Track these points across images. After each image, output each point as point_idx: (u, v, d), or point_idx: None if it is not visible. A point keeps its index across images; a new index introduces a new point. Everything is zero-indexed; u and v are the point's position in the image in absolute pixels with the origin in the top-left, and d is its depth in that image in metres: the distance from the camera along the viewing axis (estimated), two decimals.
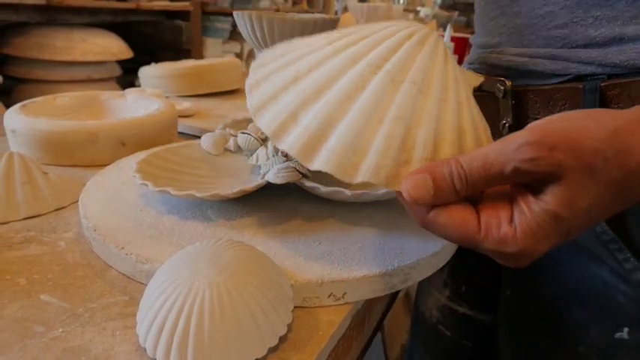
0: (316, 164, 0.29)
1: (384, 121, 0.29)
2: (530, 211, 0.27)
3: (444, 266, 0.40)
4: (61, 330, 0.30)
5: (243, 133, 0.51)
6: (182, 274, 0.29)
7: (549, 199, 0.26)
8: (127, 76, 1.62)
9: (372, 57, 0.31)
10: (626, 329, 0.39)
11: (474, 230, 0.27)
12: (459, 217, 0.28)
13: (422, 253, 0.38)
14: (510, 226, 0.27)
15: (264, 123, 0.32)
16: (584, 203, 0.26)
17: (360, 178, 0.29)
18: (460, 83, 0.32)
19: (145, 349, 0.28)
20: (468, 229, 0.27)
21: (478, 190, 0.28)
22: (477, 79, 0.36)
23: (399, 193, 0.29)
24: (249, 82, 0.34)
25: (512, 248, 0.27)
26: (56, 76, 1.50)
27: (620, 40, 0.37)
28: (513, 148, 0.26)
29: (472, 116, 0.32)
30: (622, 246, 0.38)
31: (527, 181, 0.27)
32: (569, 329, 0.43)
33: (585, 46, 0.39)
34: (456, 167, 0.27)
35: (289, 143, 0.30)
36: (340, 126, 0.30)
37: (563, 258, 0.43)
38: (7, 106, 0.68)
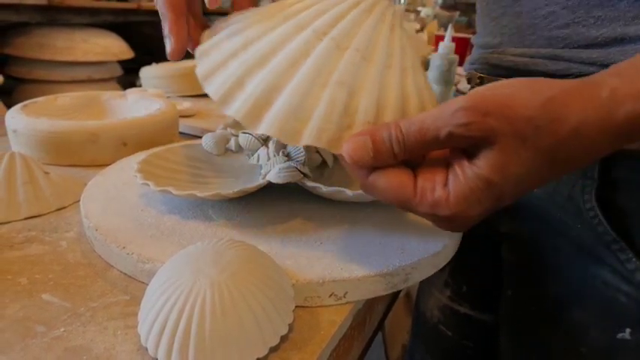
0: (261, 129, 0.31)
1: (327, 87, 0.30)
2: (464, 175, 0.28)
3: (444, 266, 0.40)
4: (62, 329, 0.30)
5: (244, 132, 0.51)
6: (183, 274, 0.29)
7: (482, 164, 0.27)
8: (127, 76, 1.62)
9: (318, 24, 0.32)
10: (628, 330, 0.39)
11: (410, 194, 0.29)
12: (396, 180, 0.29)
13: (423, 253, 0.38)
14: (444, 190, 0.28)
15: (212, 89, 0.33)
16: (516, 169, 0.27)
17: (303, 141, 0.30)
18: (407, 50, 0.33)
19: (146, 349, 0.28)
20: (405, 192, 0.29)
21: (416, 154, 0.29)
22: (428, 49, 0.37)
23: (341, 156, 0.30)
24: (199, 50, 0.35)
25: (445, 211, 0.28)
26: (57, 76, 1.50)
27: (621, 40, 0.37)
28: (449, 114, 0.27)
29: (417, 83, 0.33)
30: (624, 246, 0.38)
31: (462, 146, 0.28)
32: (570, 330, 0.43)
33: (587, 46, 0.39)
34: (395, 131, 0.28)
35: (235, 109, 0.31)
36: (284, 92, 0.31)
37: (565, 258, 0.43)
38: (9, 106, 0.68)
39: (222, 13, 2.11)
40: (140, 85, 0.97)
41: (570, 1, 0.39)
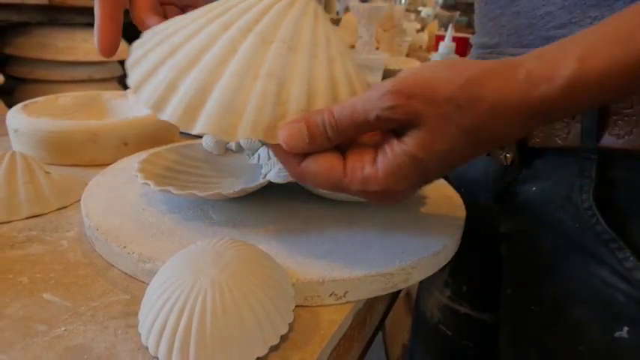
0: (197, 129, 0.31)
1: (257, 80, 0.31)
2: (392, 152, 0.29)
3: (444, 266, 0.40)
4: (63, 329, 0.31)
5: None
6: (184, 274, 0.29)
7: (409, 142, 0.29)
8: None
9: (242, 22, 0.33)
10: (625, 328, 0.39)
11: (340, 174, 0.30)
12: (327, 163, 0.31)
13: (423, 253, 0.38)
14: (373, 167, 0.30)
15: (144, 97, 0.33)
16: (441, 147, 0.29)
17: (239, 135, 0.31)
18: (332, 40, 0.34)
19: (146, 348, 0.28)
20: (335, 173, 0.30)
21: (349, 137, 0.31)
22: (352, 38, 0.38)
23: (276, 146, 0.32)
24: (128, 62, 0.35)
25: (374, 187, 0.30)
26: (58, 76, 1.50)
27: None
28: (376, 97, 0.29)
29: (346, 69, 0.34)
30: (622, 245, 0.39)
31: (391, 128, 0.30)
32: (569, 328, 0.43)
33: None
34: (328, 116, 0.30)
35: (169, 113, 0.32)
36: (216, 90, 0.31)
37: (564, 258, 0.43)
38: (9, 105, 0.68)
39: None
40: None
41: (567, 2, 0.40)
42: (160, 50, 0.34)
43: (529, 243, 0.47)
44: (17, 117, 0.58)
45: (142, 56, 0.35)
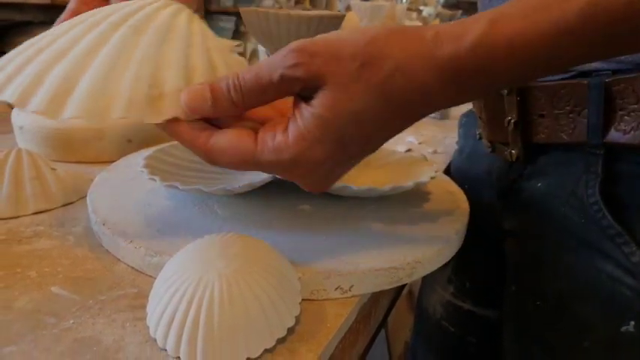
0: (66, 114, 0.31)
1: (130, 65, 0.31)
2: (301, 116, 0.28)
3: (447, 263, 0.41)
4: (72, 321, 0.31)
5: None
6: (191, 267, 0.29)
7: (315, 103, 0.28)
8: None
9: (113, 18, 0.33)
10: (632, 322, 0.39)
11: (251, 146, 0.29)
12: (235, 137, 0.29)
13: (427, 248, 0.38)
14: (284, 135, 0.29)
15: (8, 94, 0.32)
16: (349, 106, 0.27)
17: (113, 115, 0.30)
18: (210, 37, 0.35)
19: (155, 340, 0.29)
20: (246, 145, 0.29)
21: (256, 102, 0.30)
22: (231, 44, 0.38)
23: (175, 125, 0.30)
24: None
25: (286, 154, 0.28)
26: None
27: None
28: (280, 57, 0.28)
29: (226, 60, 0.34)
30: (628, 240, 0.39)
31: (297, 90, 0.29)
32: (574, 324, 0.43)
33: None
34: (232, 79, 0.29)
35: (35, 104, 0.31)
36: (86, 77, 0.31)
37: (569, 253, 0.43)
38: None
39: (226, 12, 2.11)
40: None
41: None
42: (26, 54, 0.33)
43: (534, 239, 0.48)
44: (22, 114, 0.58)
45: (6, 62, 0.34)
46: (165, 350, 0.28)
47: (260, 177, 0.43)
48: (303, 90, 0.29)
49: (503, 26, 0.27)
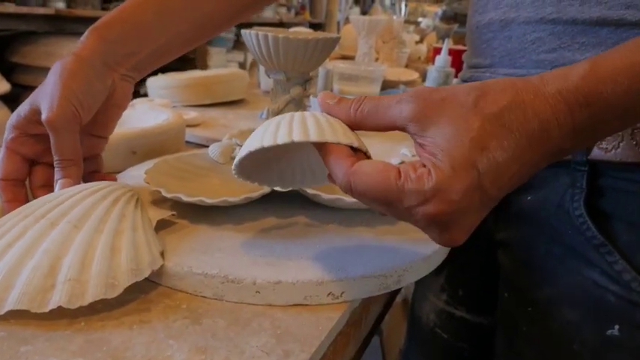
0: None
1: (34, 256, 0.34)
2: (431, 154, 0.30)
3: (440, 271, 0.43)
4: (82, 323, 0.33)
5: None
6: None
7: (438, 139, 0.30)
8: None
9: (40, 211, 0.37)
10: (616, 326, 0.42)
11: (395, 174, 0.30)
12: (381, 164, 0.31)
13: (415, 256, 0.41)
14: (425, 168, 0.30)
15: None
16: (470, 134, 0.29)
17: (6, 309, 0.32)
18: (128, 217, 0.39)
19: (160, 340, 0.31)
20: (390, 173, 0.30)
21: (368, 122, 0.33)
22: (163, 213, 0.43)
23: (327, 152, 0.32)
24: None
25: (429, 183, 0.29)
26: None
27: None
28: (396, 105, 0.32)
29: (134, 241, 0.37)
30: (611, 249, 0.41)
31: (408, 122, 0.31)
32: (563, 328, 0.45)
33: None
34: (358, 100, 0.33)
35: None
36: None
37: (558, 262, 0.46)
38: None
39: None
40: (145, 94, 1.00)
41: (556, 28, 0.43)
42: None
43: (525, 249, 0.50)
44: None
45: None
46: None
47: (258, 192, 0.46)
48: (418, 129, 0.31)
49: (606, 63, 0.29)
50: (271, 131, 0.33)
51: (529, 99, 0.29)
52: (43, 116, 0.41)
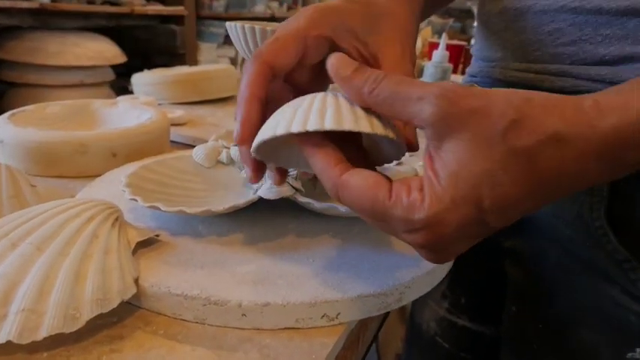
0: None
1: None
2: (436, 176, 0.26)
3: (442, 279, 0.40)
4: (45, 354, 0.29)
5: (235, 145, 0.50)
6: None
7: (450, 158, 0.25)
8: (120, 81, 1.61)
9: (3, 230, 0.33)
10: (638, 350, 0.38)
11: (385, 194, 0.26)
12: (372, 179, 0.27)
13: (417, 272, 0.37)
14: (420, 194, 0.26)
15: None
16: (487, 166, 0.25)
17: None
18: (101, 239, 0.35)
19: None
20: (380, 192, 0.27)
21: (381, 106, 0.28)
22: (145, 234, 0.39)
23: (315, 155, 0.29)
24: None
25: (419, 214, 0.25)
26: (49, 80, 1.49)
27: (631, 58, 0.36)
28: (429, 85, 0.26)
29: (103, 265, 0.33)
30: (635, 265, 0.37)
31: (426, 125, 0.26)
32: (578, 349, 0.42)
33: (595, 63, 0.38)
34: (378, 73, 0.28)
35: None
36: None
37: (574, 277, 0.42)
38: (0, 110, 0.67)
39: (217, 18, 2.09)
40: (132, 90, 0.96)
41: (577, 18, 0.38)
42: None
43: (536, 260, 0.46)
44: (3, 127, 0.57)
45: None
46: None
47: (245, 197, 0.42)
48: (434, 137, 0.26)
49: None
50: (301, 116, 0.29)
51: (577, 136, 0.24)
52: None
